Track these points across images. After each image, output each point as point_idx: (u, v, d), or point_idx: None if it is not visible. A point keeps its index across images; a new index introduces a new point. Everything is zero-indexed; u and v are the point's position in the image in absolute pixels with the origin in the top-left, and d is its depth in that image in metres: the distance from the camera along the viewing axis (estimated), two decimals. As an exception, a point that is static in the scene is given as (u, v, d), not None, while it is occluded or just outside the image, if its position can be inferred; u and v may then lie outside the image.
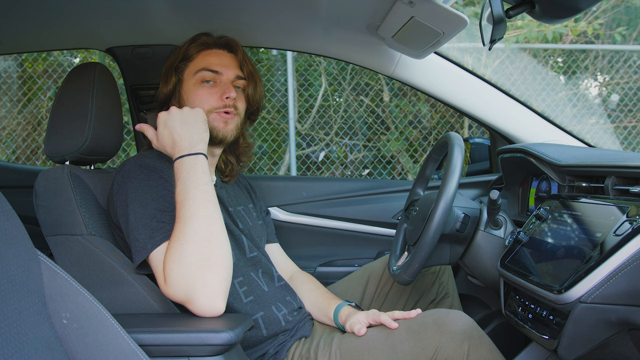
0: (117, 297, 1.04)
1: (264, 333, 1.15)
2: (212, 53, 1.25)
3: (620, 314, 0.87)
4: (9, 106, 3.83)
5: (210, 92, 1.21)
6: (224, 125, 1.21)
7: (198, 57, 1.24)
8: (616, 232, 0.89)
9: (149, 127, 1.13)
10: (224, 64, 1.24)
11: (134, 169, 1.08)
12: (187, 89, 1.22)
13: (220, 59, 1.24)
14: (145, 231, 0.99)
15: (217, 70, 1.22)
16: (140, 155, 1.14)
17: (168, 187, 1.07)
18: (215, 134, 1.20)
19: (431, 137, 4.10)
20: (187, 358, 0.85)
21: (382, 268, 1.46)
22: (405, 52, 1.51)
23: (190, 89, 1.22)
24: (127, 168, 1.09)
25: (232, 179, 1.36)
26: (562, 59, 4.34)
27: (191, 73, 1.22)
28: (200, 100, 1.20)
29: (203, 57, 1.24)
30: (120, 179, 1.08)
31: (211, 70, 1.22)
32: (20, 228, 0.70)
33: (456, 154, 1.15)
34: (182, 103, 1.22)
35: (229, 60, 1.25)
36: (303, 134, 4.05)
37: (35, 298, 0.69)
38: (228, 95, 1.20)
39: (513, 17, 0.89)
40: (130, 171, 1.08)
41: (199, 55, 1.24)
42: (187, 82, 1.23)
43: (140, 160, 1.11)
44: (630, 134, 4.33)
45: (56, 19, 1.43)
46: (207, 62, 1.23)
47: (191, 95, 1.21)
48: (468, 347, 1.01)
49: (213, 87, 1.22)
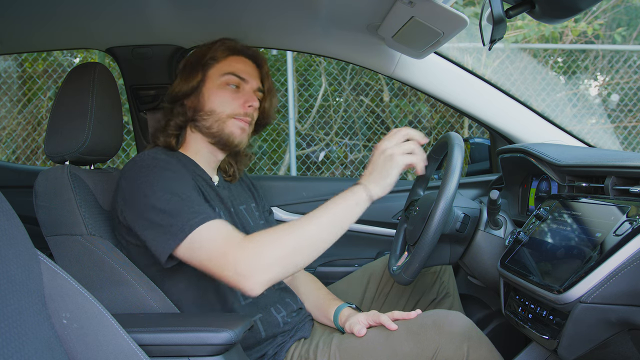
0: (117, 297, 1.04)
1: (262, 335, 1.15)
2: (239, 60, 1.27)
3: (620, 314, 0.87)
4: (9, 106, 3.83)
5: (234, 96, 1.23)
6: (241, 132, 1.24)
7: (226, 61, 1.25)
8: (616, 232, 0.89)
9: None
10: (249, 72, 1.26)
11: (147, 163, 1.09)
12: (211, 88, 1.23)
13: (246, 67, 1.26)
14: (181, 215, 0.99)
15: (244, 78, 1.24)
16: (149, 151, 1.15)
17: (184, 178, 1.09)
18: (232, 140, 1.22)
19: (431, 137, 4.09)
20: (187, 358, 0.86)
21: (382, 268, 1.46)
22: (405, 52, 1.51)
23: (214, 89, 1.22)
24: (139, 164, 1.09)
25: (235, 180, 1.36)
26: (562, 59, 4.34)
27: (217, 74, 1.23)
28: (222, 102, 1.22)
29: (230, 62, 1.25)
30: (133, 174, 1.08)
31: (238, 76, 1.24)
32: (20, 228, 0.70)
33: (456, 154, 1.15)
34: (202, 101, 1.22)
35: (253, 71, 1.28)
36: (303, 134, 4.05)
37: (35, 298, 0.69)
38: (251, 104, 1.23)
39: (513, 17, 0.89)
40: (143, 166, 1.08)
41: (227, 59, 1.25)
42: (211, 81, 1.23)
43: (152, 155, 1.12)
44: (630, 134, 4.33)
45: (56, 19, 1.43)
46: (234, 67, 1.24)
47: (213, 95, 1.22)
48: (467, 348, 1.01)
49: (237, 93, 1.24)
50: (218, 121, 1.21)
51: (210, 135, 1.23)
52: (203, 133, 1.23)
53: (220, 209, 1.20)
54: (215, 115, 1.21)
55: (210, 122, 1.21)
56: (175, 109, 1.25)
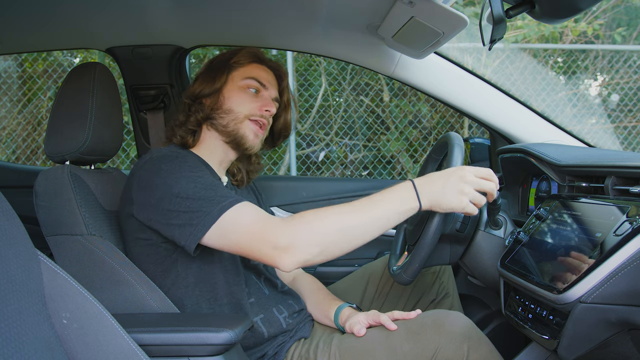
0: (117, 297, 1.04)
1: (264, 335, 1.15)
2: (262, 68, 1.31)
3: (620, 314, 0.87)
4: (9, 106, 3.83)
5: (253, 99, 1.26)
6: (255, 137, 1.26)
7: (249, 66, 1.29)
8: (616, 232, 0.89)
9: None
10: (270, 81, 1.31)
11: (169, 154, 1.12)
12: (232, 89, 1.26)
13: (267, 75, 1.31)
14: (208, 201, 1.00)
15: (264, 84, 1.28)
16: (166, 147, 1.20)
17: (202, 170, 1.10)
18: (244, 142, 1.25)
19: (431, 137, 4.10)
20: (187, 358, 0.86)
21: (382, 268, 1.46)
22: (405, 52, 1.51)
23: (235, 90, 1.26)
24: (160, 156, 1.11)
25: (242, 185, 1.39)
26: (562, 59, 4.34)
27: (239, 77, 1.27)
28: (241, 103, 1.25)
29: (253, 68, 1.29)
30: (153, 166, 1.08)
31: (259, 82, 1.28)
32: (20, 228, 0.70)
33: (456, 154, 1.15)
34: (222, 100, 1.25)
35: (273, 80, 1.33)
36: (303, 134, 4.05)
37: (35, 298, 0.69)
38: (268, 108, 1.27)
39: (513, 17, 0.89)
40: (162, 161, 1.09)
41: (250, 65, 1.29)
42: (233, 83, 1.27)
43: (166, 151, 1.15)
44: (630, 134, 4.33)
45: (56, 19, 1.43)
46: (257, 73, 1.29)
47: (234, 96, 1.25)
48: (467, 348, 1.01)
49: (255, 97, 1.27)
50: (234, 120, 1.24)
51: (225, 134, 1.25)
52: (219, 131, 1.25)
53: None
54: (233, 114, 1.24)
55: (227, 120, 1.24)
56: (193, 106, 1.27)
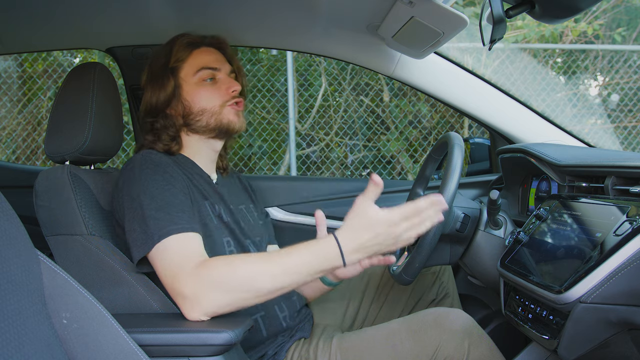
0: (117, 297, 1.04)
1: (264, 333, 1.15)
2: (203, 51, 1.25)
3: (620, 314, 0.87)
4: (9, 106, 3.83)
5: (214, 88, 1.22)
6: (237, 117, 1.23)
7: (191, 57, 1.23)
8: (616, 232, 0.89)
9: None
10: (218, 60, 1.25)
11: (139, 164, 1.09)
12: (190, 91, 1.21)
13: (213, 56, 1.25)
14: (154, 222, 0.99)
15: (216, 67, 1.23)
16: (145, 152, 1.14)
17: (172, 182, 1.07)
18: (232, 126, 1.22)
19: (431, 137, 4.10)
20: (187, 358, 0.86)
21: (382, 268, 1.46)
22: (405, 52, 1.51)
23: (193, 89, 1.21)
24: (133, 164, 1.09)
25: (226, 172, 1.36)
26: (562, 59, 4.34)
27: (190, 74, 1.21)
28: (208, 98, 1.20)
29: (196, 57, 1.23)
30: (126, 174, 1.08)
31: (210, 68, 1.22)
32: (20, 228, 0.70)
33: (456, 154, 1.15)
34: (187, 104, 1.21)
35: (220, 57, 1.27)
36: (303, 134, 4.05)
37: (35, 298, 0.69)
38: (234, 89, 1.22)
39: (513, 17, 0.89)
40: (135, 167, 1.08)
41: (191, 55, 1.23)
42: (187, 83, 1.21)
43: (146, 156, 1.11)
44: (630, 134, 4.33)
45: (56, 19, 1.43)
46: (203, 60, 1.22)
47: (196, 96, 1.21)
48: (468, 346, 1.01)
49: (215, 84, 1.22)
50: (212, 115, 1.20)
51: (209, 131, 1.22)
52: (201, 132, 1.23)
53: (220, 206, 1.20)
54: (208, 112, 1.20)
55: (206, 119, 1.20)
56: (158, 122, 1.22)
